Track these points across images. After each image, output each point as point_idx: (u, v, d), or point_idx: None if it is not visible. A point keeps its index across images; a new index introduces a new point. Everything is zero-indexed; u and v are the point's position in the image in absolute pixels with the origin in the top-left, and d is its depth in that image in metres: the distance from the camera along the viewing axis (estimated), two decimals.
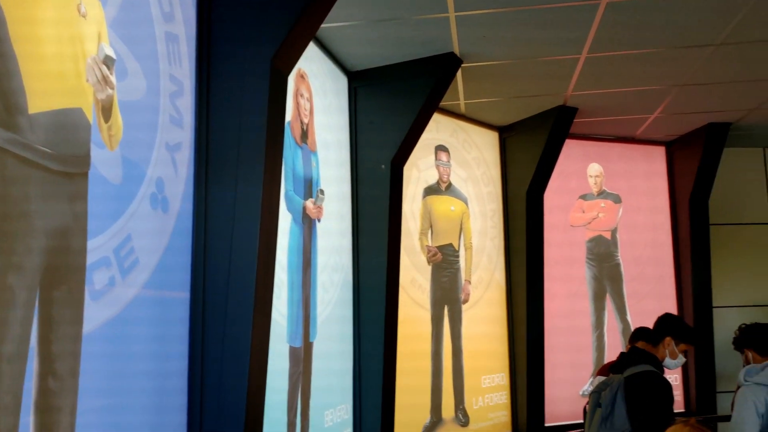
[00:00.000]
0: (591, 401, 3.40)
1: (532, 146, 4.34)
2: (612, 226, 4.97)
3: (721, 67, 3.61)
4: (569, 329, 4.75)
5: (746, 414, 2.96)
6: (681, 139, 5.00)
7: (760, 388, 3.00)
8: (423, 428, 3.82)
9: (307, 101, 3.03)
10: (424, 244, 3.96)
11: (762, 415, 2.92)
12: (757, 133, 5.02)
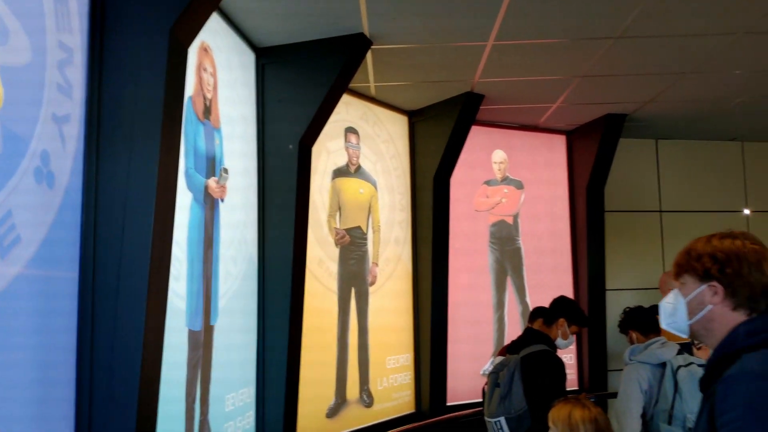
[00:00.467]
0: (489, 381, 3.51)
1: (440, 131, 4.40)
2: (514, 212, 5.13)
3: (619, 59, 3.77)
4: (472, 311, 4.88)
5: (630, 390, 3.16)
6: (581, 128, 5.22)
7: (642, 366, 3.21)
8: (327, 410, 3.82)
9: (211, 76, 2.92)
10: (332, 226, 3.94)
11: (645, 391, 3.11)
12: (651, 125, 5.30)
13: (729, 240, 1.45)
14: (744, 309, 1.41)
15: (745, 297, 1.40)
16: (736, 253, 1.42)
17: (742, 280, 1.40)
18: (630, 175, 5.72)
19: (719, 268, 1.42)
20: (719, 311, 1.43)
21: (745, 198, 5.97)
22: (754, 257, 1.40)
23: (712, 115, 5.04)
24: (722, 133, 5.71)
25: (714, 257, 1.44)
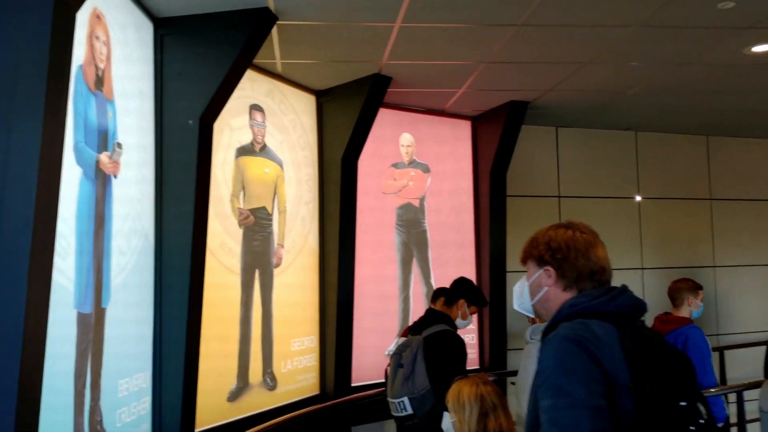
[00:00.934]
0: (392, 362, 3.54)
1: (348, 112, 4.37)
2: (420, 195, 5.19)
3: (522, 47, 3.86)
4: (378, 293, 4.92)
5: (531, 368, 3.28)
6: (485, 114, 5.33)
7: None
8: (228, 393, 3.75)
9: (104, 45, 2.76)
10: (236, 206, 3.84)
11: None
12: (552, 113, 5.49)
13: (563, 230, 1.68)
14: (572, 289, 1.63)
15: (573, 279, 1.63)
16: (566, 242, 1.65)
17: (569, 264, 1.63)
18: (531, 161, 5.92)
19: (551, 254, 1.65)
20: (553, 292, 1.66)
21: (637, 185, 6.31)
22: (582, 245, 1.63)
23: (608, 104, 5.28)
24: (618, 123, 6.00)
25: (548, 245, 1.66)
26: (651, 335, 1.56)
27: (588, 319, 1.54)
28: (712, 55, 4.11)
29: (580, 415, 1.40)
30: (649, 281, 6.22)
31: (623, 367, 1.44)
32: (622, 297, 1.58)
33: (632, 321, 1.55)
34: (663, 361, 1.49)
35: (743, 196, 6.70)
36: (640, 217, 6.29)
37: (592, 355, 1.44)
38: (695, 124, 6.13)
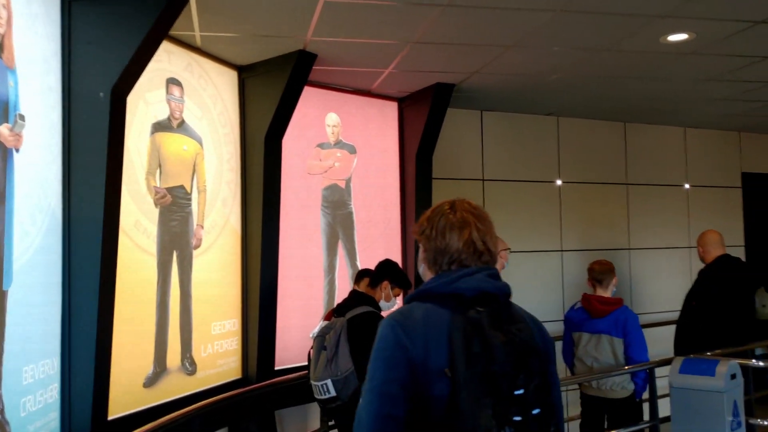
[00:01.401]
0: (315, 345, 3.50)
1: (272, 90, 4.25)
2: (347, 176, 5.13)
3: (448, 28, 3.86)
4: (303, 275, 4.84)
5: None
6: (412, 96, 5.32)
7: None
8: (145, 379, 3.60)
9: (4, 8, 2.55)
10: (152, 184, 3.67)
11: None
12: (477, 97, 5.54)
13: (439, 207, 1.69)
14: (433, 267, 1.64)
15: (432, 259, 1.64)
16: (432, 220, 1.66)
17: (430, 243, 1.64)
18: (457, 145, 5.96)
19: (421, 230, 1.68)
20: (425, 268, 1.69)
21: (558, 169, 6.47)
22: (443, 225, 1.63)
23: (531, 89, 5.37)
24: (540, 108, 6.12)
25: (423, 222, 1.69)
26: (494, 321, 1.49)
27: (424, 301, 1.56)
28: (630, 43, 4.23)
29: (372, 400, 1.46)
30: (568, 263, 6.41)
31: (442, 352, 1.45)
32: (465, 280, 1.55)
33: (474, 305, 1.51)
34: (495, 348, 1.44)
35: (656, 181, 7.00)
36: (561, 201, 6.46)
37: (399, 340, 1.47)
38: (613, 111, 6.33)
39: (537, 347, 1.52)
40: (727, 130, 7.42)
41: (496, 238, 1.70)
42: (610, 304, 4.18)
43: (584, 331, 4.23)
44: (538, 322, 1.67)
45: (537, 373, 1.47)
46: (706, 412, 4.02)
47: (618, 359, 4.16)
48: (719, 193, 7.40)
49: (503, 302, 1.57)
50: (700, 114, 6.56)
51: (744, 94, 5.73)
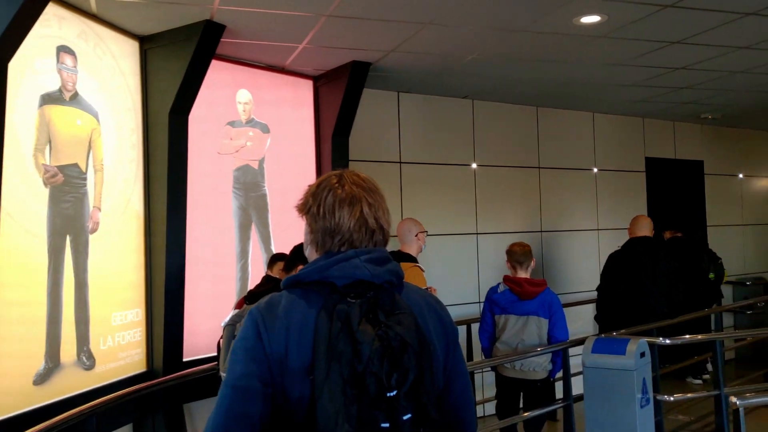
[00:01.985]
0: (226, 335, 3.30)
1: (177, 62, 3.97)
2: (260, 156, 4.91)
3: (363, 1, 3.70)
4: (213, 261, 4.59)
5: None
6: (327, 74, 5.14)
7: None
8: (35, 376, 3.29)
9: None
10: (41, 162, 3.33)
11: None
12: (394, 77, 5.43)
13: (325, 181, 1.49)
14: (321, 250, 1.45)
15: (320, 239, 1.45)
16: (318, 195, 1.46)
17: (316, 222, 1.45)
18: (374, 126, 5.84)
19: (306, 208, 1.48)
20: (312, 251, 1.49)
21: (473, 153, 6.48)
22: (332, 200, 1.43)
23: (447, 70, 5.31)
24: (456, 90, 6.09)
25: (307, 198, 1.49)
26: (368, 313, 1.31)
27: (294, 290, 1.39)
28: (544, 24, 4.23)
29: (226, 395, 1.30)
30: (484, 246, 6.45)
31: (305, 350, 1.29)
32: (340, 267, 1.37)
33: (347, 295, 1.33)
34: (364, 345, 1.25)
35: (567, 165, 7.15)
36: (476, 184, 6.47)
37: (258, 334, 1.32)
38: (526, 95, 6.38)
39: (420, 340, 1.32)
40: (632, 115, 7.67)
41: (389, 212, 1.51)
42: (538, 286, 4.22)
43: (512, 313, 4.22)
44: (436, 309, 1.49)
45: (415, 370, 1.28)
46: (618, 390, 4.11)
47: (542, 340, 4.20)
48: (625, 177, 7.65)
49: (386, 290, 1.37)
50: (607, 99, 6.73)
51: (648, 80, 5.90)
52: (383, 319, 1.31)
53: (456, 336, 1.51)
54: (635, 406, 4.09)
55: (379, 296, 1.35)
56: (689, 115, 7.75)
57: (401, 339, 1.29)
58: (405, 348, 1.29)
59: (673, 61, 5.22)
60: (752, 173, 9.01)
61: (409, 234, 3.97)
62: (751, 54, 5.02)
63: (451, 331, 1.49)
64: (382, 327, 1.29)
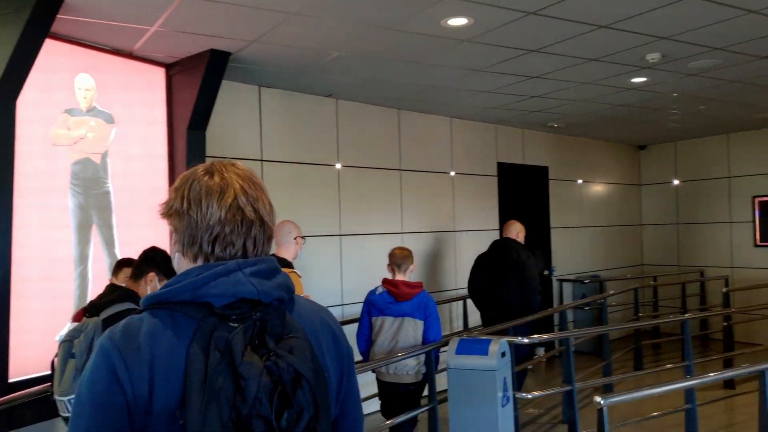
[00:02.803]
0: (61, 352, 2.87)
1: (2, 38, 3.43)
2: (102, 149, 4.41)
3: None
4: (46, 266, 4.05)
5: None
6: (182, 62, 4.75)
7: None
8: None
9: None
10: None
11: None
12: (255, 70, 5.14)
13: (190, 173, 1.26)
14: (190, 252, 1.21)
15: (187, 240, 1.21)
16: (181, 189, 1.23)
17: (181, 219, 1.21)
18: (233, 121, 5.52)
19: (169, 207, 1.24)
20: (180, 258, 1.24)
21: (337, 153, 6.34)
22: (198, 190, 1.21)
23: (312, 66, 5.12)
24: (320, 88, 5.91)
25: (170, 196, 1.26)
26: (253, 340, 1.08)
27: (159, 311, 1.12)
28: (412, 23, 4.17)
29: None
30: (347, 247, 6.33)
31: (174, 388, 1.04)
32: (219, 283, 1.12)
33: (227, 318, 1.10)
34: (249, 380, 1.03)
35: (426, 168, 7.23)
36: (339, 185, 6.34)
37: (114, 372, 1.05)
38: (389, 96, 6.36)
39: (316, 370, 1.11)
40: (486, 122, 7.94)
41: (272, 207, 1.28)
42: (414, 288, 4.29)
43: (388, 315, 4.26)
44: (332, 326, 1.28)
45: (311, 408, 1.08)
46: (481, 390, 4.15)
47: (417, 342, 4.24)
48: (479, 181, 7.90)
49: (274, 309, 1.14)
50: (465, 105, 6.88)
51: (504, 88, 6.10)
52: (272, 347, 1.08)
53: (351, 358, 1.31)
54: (497, 405, 4.16)
55: (266, 318, 1.10)
56: (537, 123, 8.16)
57: (295, 371, 1.07)
58: (299, 382, 1.07)
59: (529, 69, 5.41)
60: (589, 179, 9.70)
61: (288, 236, 3.88)
62: (598, 66, 5.33)
63: (346, 352, 1.29)
64: (271, 357, 1.06)
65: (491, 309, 5.65)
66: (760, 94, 6.59)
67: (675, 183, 10.20)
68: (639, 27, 4.32)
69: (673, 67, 5.39)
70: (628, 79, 5.81)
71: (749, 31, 4.43)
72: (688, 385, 4.07)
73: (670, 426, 5.50)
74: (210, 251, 1.18)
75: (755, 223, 9.07)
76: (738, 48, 4.85)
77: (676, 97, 6.69)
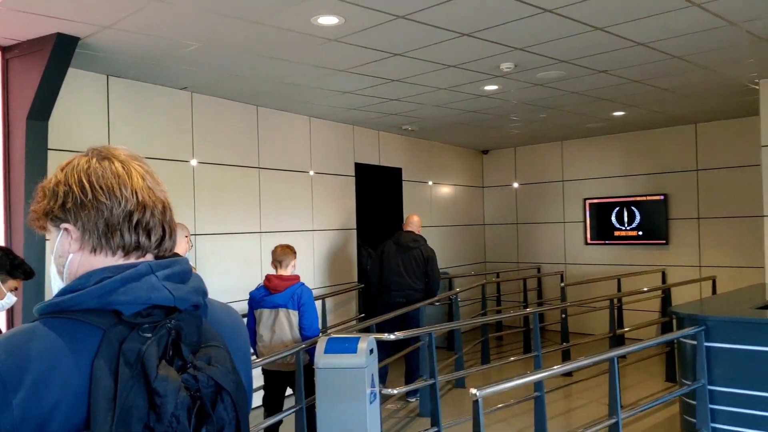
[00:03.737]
0: None
1: None
2: None
3: None
4: None
5: None
6: (22, 45, 4.29)
7: None
8: None
9: None
10: None
11: None
12: (105, 57, 4.78)
13: (75, 160, 1.16)
14: (86, 244, 1.09)
15: (82, 236, 1.09)
16: (70, 176, 1.12)
17: (76, 211, 1.09)
18: (78, 111, 5.08)
19: (60, 200, 1.11)
20: (80, 257, 1.10)
21: (192, 149, 6.06)
22: (100, 174, 1.11)
23: (167, 57, 4.85)
24: (174, 80, 5.62)
25: (56, 189, 1.13)
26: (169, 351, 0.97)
27: (57, 318, 0.99)
28: (282, 18, 4.10)
29: None
30: (201, 247, 6.08)
31: (78, 409, 0.92)
32: (129, 289, 1.00)
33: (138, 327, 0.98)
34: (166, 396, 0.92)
35: (286, 166, 7.14)
36: (195, 182, 6.07)
37: (5, 391, 0.90)
38: (247, 92, 6.19)
39: (236, 382, 1.02)
40: (344, 122, 8.00)
41: None
42: (287, 281, 4.59)
43: (264, 307, 4.57)
44: (240, 328, 1.21)
45: (233, 423, 0.99)
46: (350, 388, 4.16)
47: (294, 330, 4.53)
48: (338, 180, 7.94)
49: (190, 315, 1.04)
50: (325, 105, 6.89)
51: (364, 90, 6.19)
52: (189, 358, 0.97)
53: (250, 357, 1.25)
54: (366, 402, 4.19)
55: (182, 325, 0.99)
56: (393, 126, 8.37)
57: (215, 384, 0.98)
58: (219, 395, 0.98)
59: (391, 72, 5.53)
60: (438, 181, 10.12)
61: (180, 235, 4.14)
62: (456, 72, 5.57)
63: (248, 352, 1.22)
64: (188, 369, 0.96)
65: (400, 295, 6.56)
66: (593, 105, 7.26)
67: (515, 186, 10.94)
68: (498, 37, 4.58)
69: (522, 77, 5.77)
70: (481, 86, 6.13)
71: (592, 46, 4.86)
72: (555, 373, 4.34)
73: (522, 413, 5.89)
74: (133, 240, 1.07)
75: (586, 223, 9.98)
76: (580, 62, 5.31)
77: (520, 105, 7.18)
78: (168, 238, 1.13)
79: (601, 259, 9.80)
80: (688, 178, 8.96)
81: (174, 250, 3.65)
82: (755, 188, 6.99)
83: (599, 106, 7.38)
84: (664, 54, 5.15)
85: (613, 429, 3.83)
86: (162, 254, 1.15)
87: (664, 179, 9.19)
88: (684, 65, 5.52)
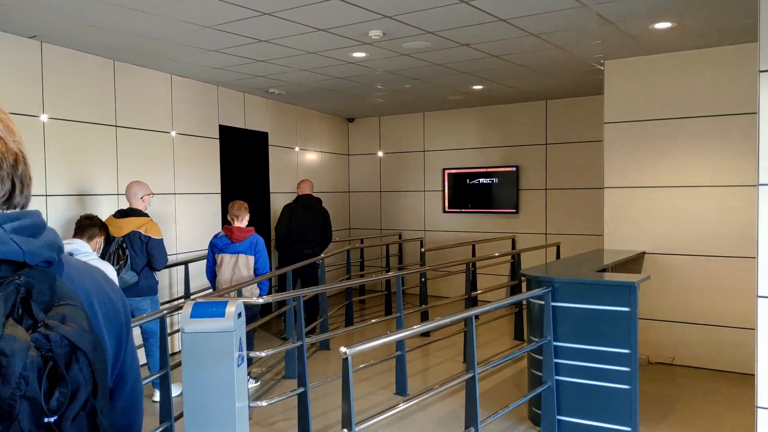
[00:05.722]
0: None
1: None
2: None
3: None
4: None
5: None
6: None
7: None
8: None
9: None
10: None
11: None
12: None
13: None
14: None
15: None
16: None
17: None
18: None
19: None
20: None
21: (42, 103, 5.60)
22: None
23: (11, 1, 4.43)
24: (22, 27, 5.14)
25: None
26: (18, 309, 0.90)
27: None
28: None
29: None
30: (54, 208, 5.68)
31: None
32: None
33: None
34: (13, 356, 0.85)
35: (145, 126, 6.80)
36: (45, 139, 5.63)
37: None
38: (104, 45, 5.80)
39: (94, 342, 0.96)
40: (208, 82, 7.73)
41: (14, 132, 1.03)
42: (246, 232, 5.81)
43: (226, 253, 5.78)
44: (107, 290, 1.13)
45: (89, 386, 0.93)
46: (217, 353, 4.13)
47: (249, 271, 5.72)
48: (201, 143, 7.69)
49: (42, 272, 0.95)
50: (188, 63, 6.61)
51: (230, 49, 6.01)
52: (41, 317, 0.91)
53: (129, 320, 1.19)
54: (233, 366, 4.19)
55: (32, 282, 0.92)
56: (259, 89, 8.22)
57: (69, 344, 0.91)
58: (75, 356, 0.92)
59: (259, 32, 5.42)
60: (305, 147, 10.11)
61: (136, 197, 5.47)
62: (325, 37, 5.57)
63: (125, 316, 1.16)
64: (39, 328, 0.90)
65: (307, 247, 7.58)
66: (454, 77, 7.57)
67: (379, 154, 11.18)
68: (368, 3, 4.64)
69: (390, 45, 5.89)
70: (349, 52, 6.18)
71: (458, 18, 5.06)
72: (418, 331, 4.47)
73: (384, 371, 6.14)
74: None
75: (444, 192, 10.44)
76: (445, 34, 5.51)
77: (386, 75, 7.33)
78: (19, 193, 1.00)
79: (458, 227, 10.32)
80: (538, 152, 9.63)
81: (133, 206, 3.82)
82: (598, 163, 7.67)
83: (460, 79, 7.70)
84: (522, 31, 5.49)
85: (470, 382, 4.09)
86: (13, 209, 1.02)
87: (516, 152, 9.81)
88: (539, 42, 5.91)
